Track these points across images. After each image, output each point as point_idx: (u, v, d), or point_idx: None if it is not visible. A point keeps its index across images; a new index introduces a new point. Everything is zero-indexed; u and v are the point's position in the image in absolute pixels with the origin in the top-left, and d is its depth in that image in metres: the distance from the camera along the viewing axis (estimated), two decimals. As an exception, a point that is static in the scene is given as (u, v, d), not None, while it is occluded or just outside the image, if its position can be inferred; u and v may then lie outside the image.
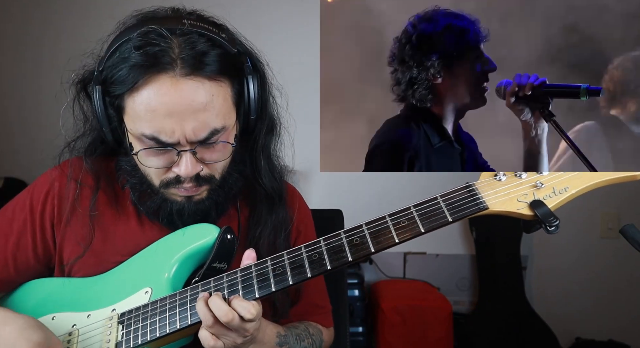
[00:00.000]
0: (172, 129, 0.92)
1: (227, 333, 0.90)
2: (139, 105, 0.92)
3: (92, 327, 1.02)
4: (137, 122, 0.94)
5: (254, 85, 1.01)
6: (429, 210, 0.90)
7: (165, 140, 0.93)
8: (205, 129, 0.94)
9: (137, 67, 0.90)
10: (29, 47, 2.83)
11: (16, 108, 2.88)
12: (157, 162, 0.98)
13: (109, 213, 1.10)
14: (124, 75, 0.91)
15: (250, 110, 1.02)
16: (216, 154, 0.99)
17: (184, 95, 0.91)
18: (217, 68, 0.94)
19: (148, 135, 0.93)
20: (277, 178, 1.15)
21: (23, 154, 2.75)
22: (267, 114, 1.09)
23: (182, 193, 1.02)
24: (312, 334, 1.14)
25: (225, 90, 0.96)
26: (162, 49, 0.91)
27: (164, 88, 0.90)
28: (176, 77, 0.90)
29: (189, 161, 0.96)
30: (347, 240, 0.92)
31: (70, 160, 1.12)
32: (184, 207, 1.03)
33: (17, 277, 1.12)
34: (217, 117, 0.95)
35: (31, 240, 1.10)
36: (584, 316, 2.79)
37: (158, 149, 0.95)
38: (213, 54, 0.94)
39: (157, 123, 0.92)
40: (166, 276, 1.02)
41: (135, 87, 0.91)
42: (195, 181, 0.99)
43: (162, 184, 1.01)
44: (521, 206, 0.86)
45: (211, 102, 0.93)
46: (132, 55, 0.91)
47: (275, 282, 0.93)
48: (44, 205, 1.10)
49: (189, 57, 0.91)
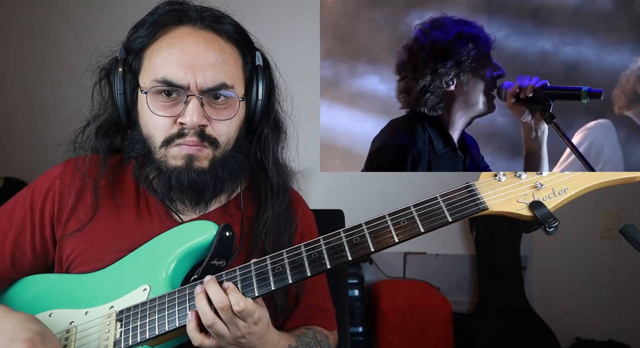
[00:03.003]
0: (184, 72, 0.98)
1: (220, 333, 0.90)
2: (157, 50, 1.01)
3: (90, 324, 1.01)
4: (151, 72, 1.01)
5: (264, 76, 1.08)
6: (429, 210, 0.90)
7: (175, 82, 0.98)
8: (215, 79, 1.00)
9: (160, 20, 1.02)
10: (32, 48, 2.83)
11: (17, 108, 2.88)
12: (164, 112, 1.01)
13: (109, 208, 1.11)
14: (146, 29, 1.02)
15: (259, 97, 1.08)
16: (223, 112, 1.03)
17: (199, 44, 1.00)
18: (233, 31, 1.04)
19: (159, 79, 0.99)
20: (282, 173, 1.16)
21: (23, 154, 2.75)
22: (272, 110, 1.14)
23: (184, 151, 1.01)
24: (320, 341, 1.14)
25: (237, 56, 1.05)
26: (186, 7, 1.03)
27: (182, 36, 1.00)
28: (195, 28, 1.02)
29: (196, 108, 0.99)
30: (347, 239, 0.92)
31: (75, 157, 1.13)
32: (182, 174, 1.02)
33: (14, 273, 1.13)
34: (228, 74, 1.02)
35: (30, 237, 1.10)
36: (584, 316, 2.79)
37: (166, 100, 1.00)
38: (230, 19, 1.06)
39: (170, 65, 0.99)
40: (164, 273, 1.02)
41: (156, 37, 1.02)
42: (199, 136, 1.01)
43: (165, 141, 1.02)
44: (521, 207, 0.86)
45: (224, 57, 1.01)
46: (158, 11, 1.03)
47: (275, 281, 0.92)
48: (44, 202, 1.10)
49: (209, 16, 1.03)
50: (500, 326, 2.63)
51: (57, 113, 1.09)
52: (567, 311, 2.78)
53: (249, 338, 0.92)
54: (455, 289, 2.87)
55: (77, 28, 2.71)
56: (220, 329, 0.89)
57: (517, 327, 2.61)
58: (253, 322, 0.91)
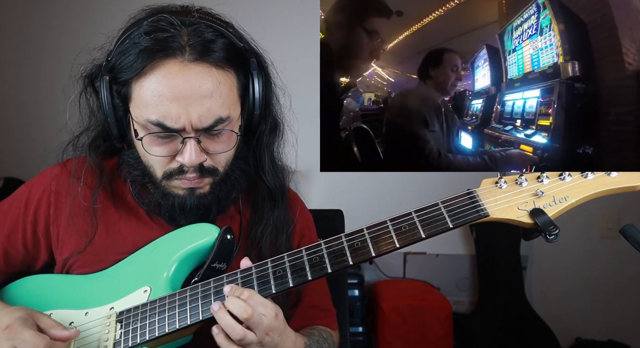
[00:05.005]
0: (177, 113, 0.92)
1: (250, 341, 0.89)
2: (146, 90, 0.93)
3: (90, 325, 1.02)
4: (143, 108, 0.94)
5: (259, 81, 1.01)
6: (430, 215, 0.90)
7: (170, 126, 0.93)
8: (210, 116, 0.94)
9: (146, 51, 0.92)
10: (30, 48, 2.82)
11: (17, 108, 2.88)
12: (161, 150, 0.98)
13: (109, 211, 1.11)
14: (132, 60, 0.93)
15: (255, 105, 1.02)
16: (220, 144, 1.00)
17: (191, 80, 0.92)
18: (224, 56, 0.95)
19: (153, 121, 0.93)
20: (280, 177, 1.15)
21: (23, 154, 2.75)
22: (270, 113, 1.09)
23: (184, 185, 1.01)
24: (326, 338, 1.15)
25: (232, 80, 0.98)
26: (172, 35, 0.93)
27: (172, 72, 0.92)
28: (184, 62, 0.92)
29: (193, 149, 0.96)
30: (348, 244, 0.93)
31: (73, 159, 1.13)
32: (186, 201, 1.02)
33: (7, 268, 1.14)
34: (223, 106, 0.95)
35: (21, 235, 1.11)
36: (584, 316, 2.79)
37: (162, 138, 0.96)
38: (220, 43, 0.96)
39: (163, 108, 0.92)
40: (165, 275, 1.02)
41: (143, 72, 0.93)
42: (198, 172, 0.99)
43: (165, 175, 1.01)
44: (521, 214, 0.87)
45: (217, 90, 0.94)
46: (142, 40, 0.93)
47: (276, 284, 0.93)
48: (40, 201, 1.11)
49: (197, 44, 0.93)
50: (500, 326, 2.63)
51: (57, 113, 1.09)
52: (567, 311, 2.78)
53: (272, 335, 0.91)
54: (455, 289, 2.87)
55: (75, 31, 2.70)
56: (250, 339, 0.88)
57: (517, 327, 2.61)
58: (274, 316, 0.90)
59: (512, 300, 2.67)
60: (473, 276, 2.87)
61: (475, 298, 2.84)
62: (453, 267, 2.87)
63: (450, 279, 2.87)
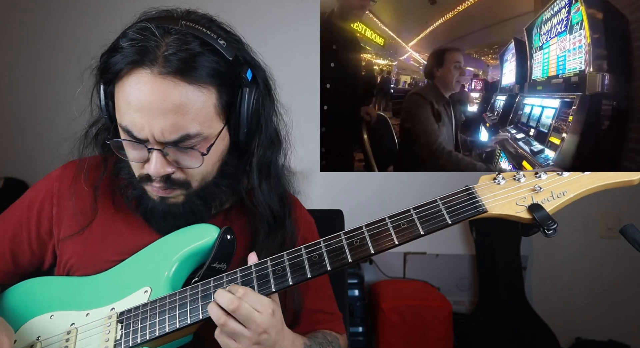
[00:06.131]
0: (141, 124, 0.92)
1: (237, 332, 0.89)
2: (121, 95, 0.94)
3: (91, 325, 1.02)
4: (118, 112, 0.96)
5: (249, 97, 0.99)
6: (429, 212, 0.90)
7: (136, 135, 0.94)
8: (175, 131, 0.92)
9: (125, 57, 0.91)
10: (29, 48, 2.82)
11: (16, 108, 2.88)
12: (133, 155, 0.99)
13: (109, 212, 1.11)
14: (114, 62, 0.93)
15: (241, 122, 1.00)
16: (192, 159, 0.97)
17: (155, 93, 0.90)
18: (203, 73, 0.92)
19: (124, 127, 0.94)
20: (280, 199, 1.11)
21: (23, 154, 2.76)
22: (265, 129, 1.05)
23: (154, 192, 1.02)
24: (331, 342, 1.14)
25: (208, 97, 0.94)
26: (150, 45, 0.90)
27: (141, 82, 0.90)
28: (154, 74, 0.90)
29: (158, 160, 0.95)
30: (347, 241, 0.93)
31: (77, 159, 1.14)
32: (155, 206, 1.03)
33: (16, 269, 1.15)
34: (193, 122, 0.93)
35: (26, 236, 1.13)
36: (584, 316, 2.79)
37: (134, 143, 0.96)
38: (203, 59, 0.92)
39: (130, 116, 0.92)
40: (166, 275, 1.03)
41: (120, 76, 0.93)
42: (164, 182, 0.99)
43: (140, 179, 1.02)
44: (520, 209, 0.87)
45: (186, 106, 0.91)
46: (125, 46, 0.92)
47: (276, 283, 0.93)
48: (42, 203, 1.12)
49: (174, 57, 0.90)
50: (500, 326, 2.63)
51: (58, 113, 1.09)
52: (567, 311, 2.78)
53: (270, 333, 0.90)
54: (455, 289, 2.87)
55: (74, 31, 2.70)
56: (235, 328, 0.88)
57: (517, 327, 2.61)
58: (270, 313, 0.90)
59: (512, 300, 2.67)
60: (473, 276, 2.87)
61: (475, 298, 2.84)
62: (453, 267, 2.86)
63: (450, 279, 2.87)
